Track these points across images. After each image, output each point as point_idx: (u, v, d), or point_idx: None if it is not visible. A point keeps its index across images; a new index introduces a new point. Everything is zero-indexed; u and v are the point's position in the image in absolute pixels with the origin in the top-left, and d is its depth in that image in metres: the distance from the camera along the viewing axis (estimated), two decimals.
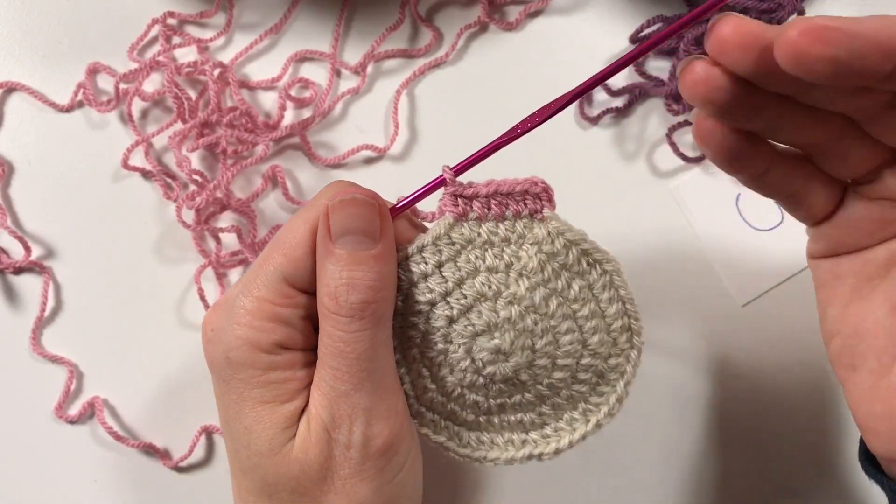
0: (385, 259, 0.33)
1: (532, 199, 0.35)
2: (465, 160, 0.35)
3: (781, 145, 0.33)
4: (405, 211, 0.36)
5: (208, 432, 0.49)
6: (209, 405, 0.49)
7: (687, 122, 0.51)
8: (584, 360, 0.37)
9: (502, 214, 0.35)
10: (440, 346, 0.36)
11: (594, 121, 0.51)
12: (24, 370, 0.49)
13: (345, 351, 0.32)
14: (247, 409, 0.34)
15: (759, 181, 0.34)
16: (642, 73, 0.51)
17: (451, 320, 0.35)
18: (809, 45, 0.25)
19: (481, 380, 0.36)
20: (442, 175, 0.35)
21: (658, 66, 0.52)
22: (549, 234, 0.35)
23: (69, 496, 0.49)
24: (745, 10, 0.48)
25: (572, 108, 0.52)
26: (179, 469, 0.49)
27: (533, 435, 0.38)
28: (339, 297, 0.32)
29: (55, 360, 0.49)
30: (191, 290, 0.49)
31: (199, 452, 0.49)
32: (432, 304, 0.35)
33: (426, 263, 0.35)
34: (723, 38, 0.28)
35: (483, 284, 0.35)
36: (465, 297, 0.35)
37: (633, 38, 0.51)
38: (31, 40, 0.51)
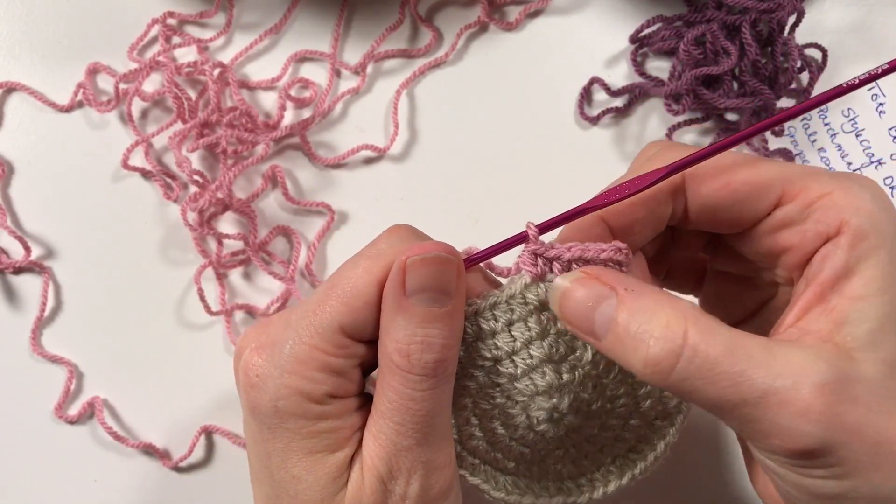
0: (457, 315, 0.32)
1: (614, 265, 0.34)
2: (550, 220, 0.33)
3: None
4: (479, 263, 0.35)
5: (208, 432, 0.49)
6: (209, 405, 0.49)
7: (687, 122, 0.51)
8: (633, 422, 0.37)
9: None
10: (498, 400, 0.35)
11: (594, 121, 0.51)
12: (24, 370, 0.49)
13: (413, 408, 0.32)
14: (295, 458, 0.33)
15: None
16: (642, 73, 0.51)
17: (514, 378, 0.34)
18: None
19: (532, 435, 0.35)
20: (524, 231, 0.33)
21: (658, 66, 0.52)
22: None
23: (69, 496, 0.49)
24: (745, 10, 0.48)
25: (572, 108, 0.52)
26: (179, 469, 0.49)
27: (568, 483, 0.38)
28: (413, 355, 0.31)
29: (55, 360, 0.49)
30: (191, 290, 0.49)
31: (199, 452, 0.49)
32: (496, 360, 0.34)
33: (496, 321, 0.34)
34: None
35: (551, 347, 0.34)
36: (532, 358, 0.34)
37: (633, 38, 0.52)
38: (31, 40, 0.51)
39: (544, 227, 0.33)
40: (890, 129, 0.51)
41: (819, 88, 0.51)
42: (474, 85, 0.52)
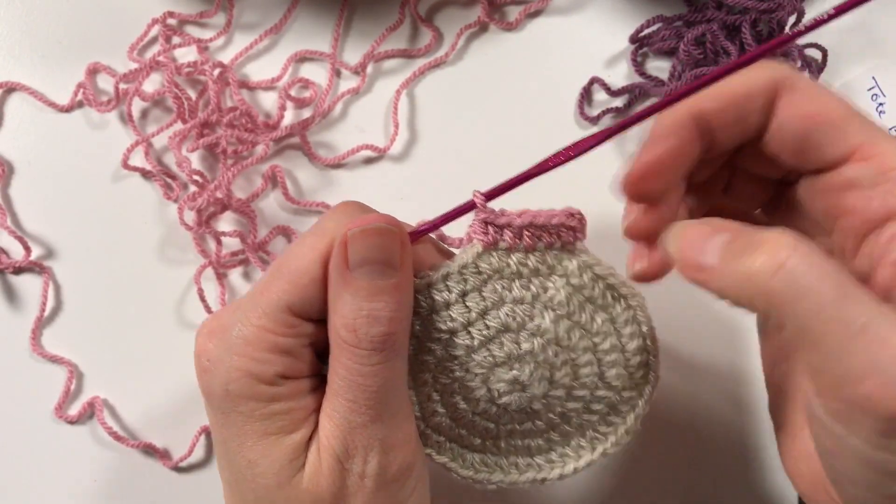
0: (404, 288, 0.32)
1: (566, 230, 0.34)
2: (496, 187, 0.33)
3: None
4: (428, 234, 0.34)
5: (208, 432, 0.49)
6: None
7: None
8: (599, 392, 0.36)
9: (534, 246, 0.34)
10: (457, 373, 0.35)
11: (594, 121, 0.51)
12: (24, 370, 0.49)
13: (363, 384, 0.31)
14: (250, 442, 0.33)
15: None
16: (642, 73, 0.51)
17: (471, 350, 0.34)
18: (636, 187, 0.34)
19: (495, 408, 0.35)
20: (471, 200, 0.33)
21: (658, 66, 0.52)
22: (578, 267, 0.34)
23: (69, 496, 0.49)
24: (745, 10, 0.48)
25: (572, 108, 0.52)
26: (179, 469, 0.49)
27: (538, 459, 0.37)
28: (359, 329, 0.31)
29: (55, 360, 0.49)
30: (191, 290, 0.49)
31: (199, 452, 0.49)
32: (452, 332, 0.34)
33: (450, 292, 0.34)
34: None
35: (508, 316, 0.34)
36: (488, 329, 0.34)
37: (633, 38, 0.52)
38: (31, 40, 0.51)
39: (491, 195, 0.33)
40: (890, 129, 0.51)
41: None
42: (474, 85, 0.52)
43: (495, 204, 0.34)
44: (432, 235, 0.35)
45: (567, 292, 0.34)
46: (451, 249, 0.36)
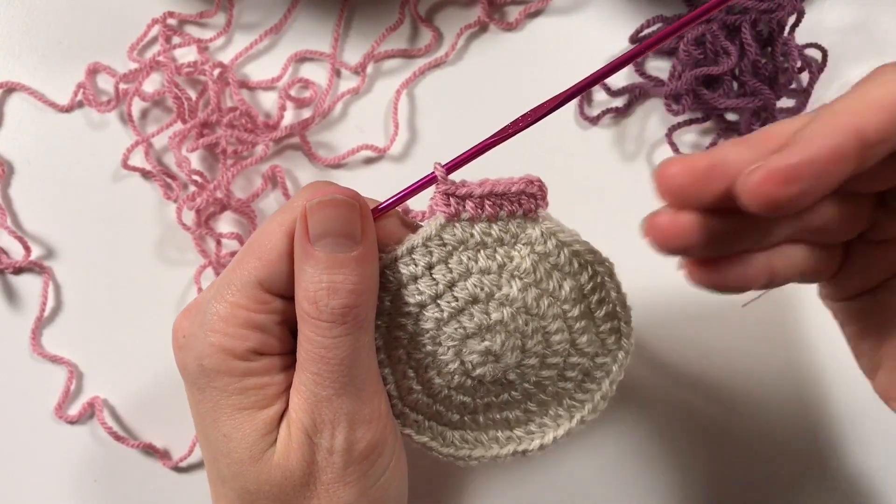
0: (367, 261, 0.32)
1: (527, 198, 0.34)
2: (456, 158, 0.34)
3: None
4: (394, 209, 0.35)
5: None
6: None
7: (687, 122, 0.51)
8: (572, 359, 0.36)
9: (496, 215, 0.34)
10: (428, 348, 0.35)
11: (594, 121, 0.51)
12: (24, 370, 0.49)
13: (326, 357, 0.32)
14: (224, 416, 0.33)
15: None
16: (642, 73, 0.51)
17: (441, 323, 0.34)
18: (776, 189, 0.25)
19: (469, 381, 0.35)
20: (432, 172, 0.34)
21: (658, 66, 0.52)
22: (542, 234, 0.34)
23: (69, 496, 0.49)
24: (744, 10, 0.48)
25: (572, 108, 0.52)
26: (179, 469, 0.49)
27: (517, 431, 0.38)
28: (320, 301, 0.31)
29: (55, 360, 0.49)
30: (191, 290, 0.49)
31: (198, 452, 0.49)
32: (422, 306, 0.34)
33: (416, 265, 0.34)
34: (670, 177, 0.29)
35: (475, 286, 0.34)
36: (457, 300, 0.34)
37: (633, 38, 0.52)
38: (31, 40, 0.51)
39: (451, 167, 0.33)
40: None
41: (819, 88, 0.51)
42: (474, 85, 0.52)
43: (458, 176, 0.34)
44: (398, 210, 0.35)
45: (533, 260, 0.34)
46: (418, 223, 0.36)
